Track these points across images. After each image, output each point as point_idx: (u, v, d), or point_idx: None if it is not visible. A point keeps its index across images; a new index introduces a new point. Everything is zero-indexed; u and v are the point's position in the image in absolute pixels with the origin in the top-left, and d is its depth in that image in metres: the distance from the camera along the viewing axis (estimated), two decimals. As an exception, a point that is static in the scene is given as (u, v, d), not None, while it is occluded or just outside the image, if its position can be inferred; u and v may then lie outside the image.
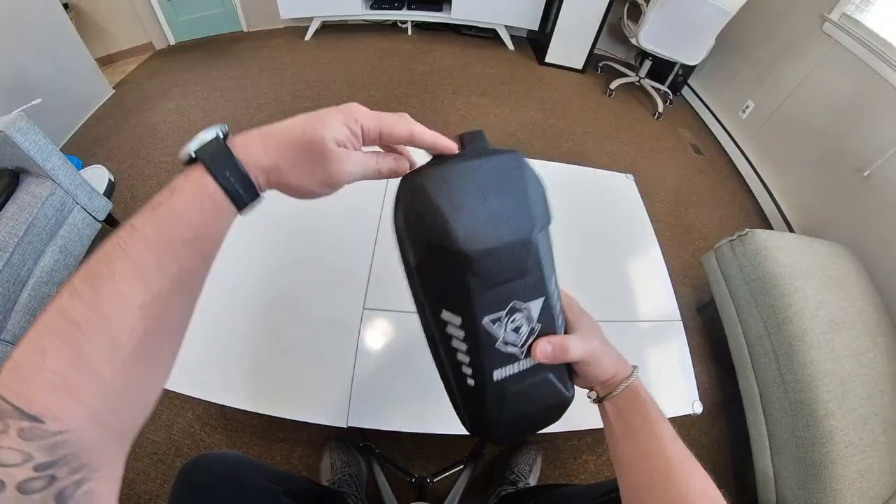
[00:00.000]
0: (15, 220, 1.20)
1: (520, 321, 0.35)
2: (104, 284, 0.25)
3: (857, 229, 1.69)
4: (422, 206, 0.32)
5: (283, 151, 0.31)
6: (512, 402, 0.37)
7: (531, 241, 0.33)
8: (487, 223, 0.31)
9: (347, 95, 2.47)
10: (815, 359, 1.10)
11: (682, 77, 2.84)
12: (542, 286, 0.35)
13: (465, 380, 0.36)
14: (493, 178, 0.33)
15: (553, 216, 0.36)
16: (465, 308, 0.33)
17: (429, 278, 0.34)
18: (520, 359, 0.36)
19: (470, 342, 0.34)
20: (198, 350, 0.92)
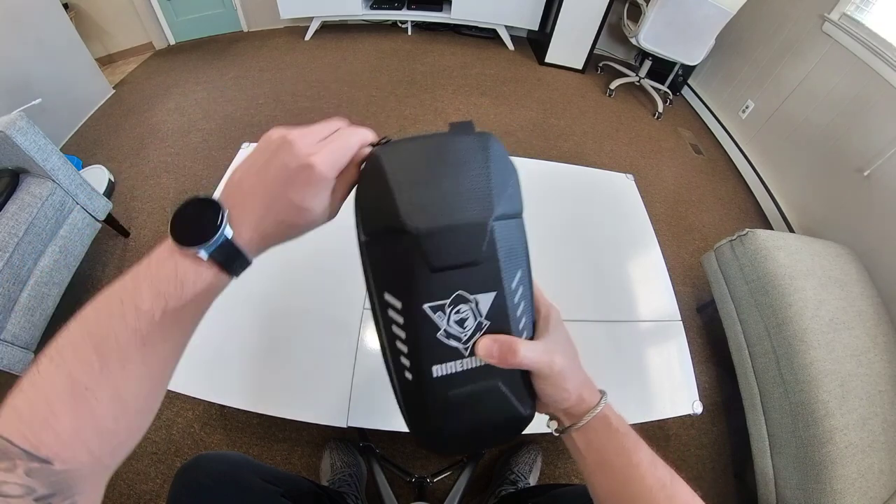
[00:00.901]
0: (15, 220, 1.20)
1: (465, 313, 0.31)
2: (111, 360, 0.27)
3: (857, 229, 1.69)
4: (373, 177, 0.31)
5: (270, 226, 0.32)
6: (454, 407, 0.33)
7: (486, 226, 0.30)
8: (437, 201, 0.29)
9: (348, 95, 2.47)
10: (815, 359, 1.10)
11: (682, 77, 2.84)
12: (495, 280, 0.31)
13: (404, 372, 0.33)
14: (456, 156, 0.31)
15: (524, 207, 0.33)
16: (405, 291, 0.30)
17: (375, 256, 0.32)
18: (464, 356, 0.32)
19: (409, 329, 0.31)
20: (198, 350, 0.91)
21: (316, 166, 0.30)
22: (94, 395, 0.26)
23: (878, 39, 1.72)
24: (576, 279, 1.09)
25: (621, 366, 0.99)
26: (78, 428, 0.26)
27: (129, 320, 0.28)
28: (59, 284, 1.32)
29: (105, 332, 0.28)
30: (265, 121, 2.25)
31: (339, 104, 2.40)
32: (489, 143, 0.32)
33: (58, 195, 1.32)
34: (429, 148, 0.31)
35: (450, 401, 0.33)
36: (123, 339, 0.28)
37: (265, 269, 1.04)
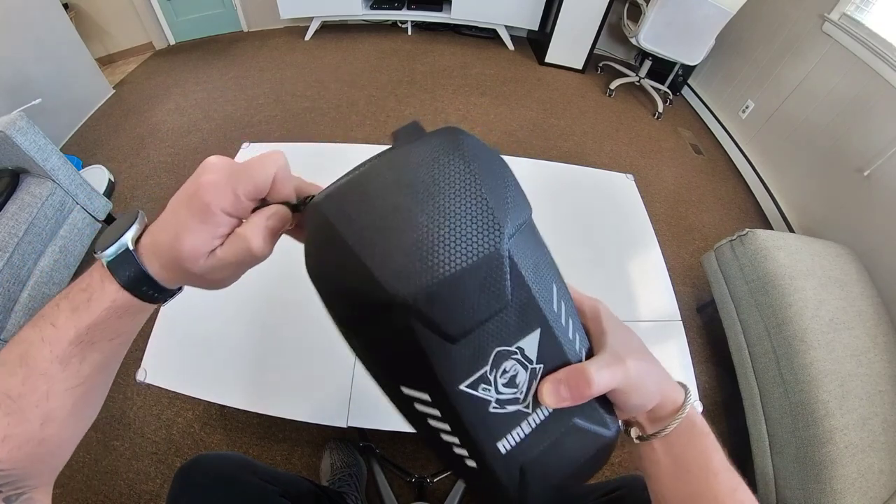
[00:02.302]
0: (15, 220, 1.20)
1: (513, 370, 0.25)
2: (33, 372, 0.28)
3: (857, 229, 1.69)
4: (320, 243, 0.23)
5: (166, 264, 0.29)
6: (535, 473, 0.26)
7: (501, 253, 0.22)
8: (424, 248, 0.21)
9: (348, 95, 2.47)
10: (815, 359, 1.10)
11: (682, 77, 2.84)
12: (534, 312, 0.24)
13: (463, 462, 0.26)
14: (423, 175, 0.22)
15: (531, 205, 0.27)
16: (428, 381, 0.23)
17: (365, 350, 0.25)
18: (528, 414, 0.26)
19: (451, 419, 0.24)
20: (197, 350, 0.92)
21: (201, 187, 0.27)
22: (18, 404, 0.28)
23: (878, 39, 1.72)
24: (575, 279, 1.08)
25: (621, 366, 0.98)
26: (7, 433, 0.28)
27: (45, 338, 0.29)
28: (59, 284, 1.32)
29: (27, 347, 0.29)
30: (265, 121, 2.25)
31: (339, 104, 2.40)
32: (459, 141, 0.24)
33: (58, 195, 1.32)
34: (381, 177, 0.23)
35: (528, 469, 0.26)
36: (41, 356, 0.29)
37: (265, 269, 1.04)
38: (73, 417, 0.31)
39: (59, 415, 0.30)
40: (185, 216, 0.27)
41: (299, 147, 1.42)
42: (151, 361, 0.88)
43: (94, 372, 0.31)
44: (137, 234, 0.30)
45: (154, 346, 0.90)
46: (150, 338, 0.91)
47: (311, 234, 0.25)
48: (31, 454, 0.29)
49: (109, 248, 0.29)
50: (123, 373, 1.46)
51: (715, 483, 0.31)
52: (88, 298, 0.29)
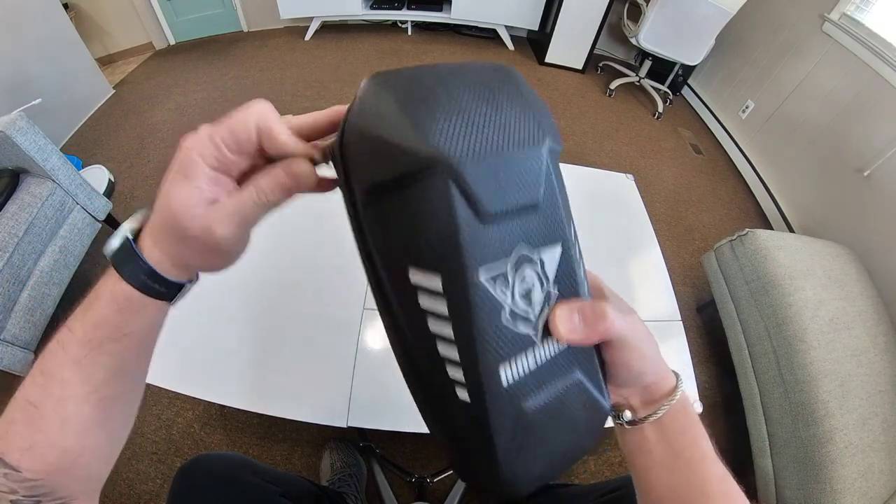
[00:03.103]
0: (15, 220, 1.20)
1: (531, 280, 0.22)
2: (52, 379, 0.29)
3: (857, 229, 1.69)
4: (365, 107, 0.21)
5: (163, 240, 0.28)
6: (531, 427, 0.23)
7: (542, 154, 0.21)
8: (471, 124, 0.20)
9: (348, 95, 2.46)
10: (815, 359, 1.10)
11: (682, 77, 2.84)
12: (559, 226, 0.23)
13: (454, 392, 0.22)
14: (478, 77, 0.22)
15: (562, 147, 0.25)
16: (446, 255, 0.20)
17: (388, 216, 0.21)
18: (536, 343, 0.23)
19: (458, 316, 0.21)
20: (198, 350, 0.92)
21: (182, 144, 0.26)
22: (39, 411, 0.29)
23: (878, 39, 1.72)
24: (576, 279, 1.09)
25: (621, 366, 0.98)
26: (32, 441, 0.28)
27: (61, 340, 0.29)
28: (59, 284, 1.32)
29: (47, 353, 0.30)
30: (265, 121, 2.25)
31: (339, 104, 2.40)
32: (512, 70, 0.24)
33: (58, 195, 1.32)
34: (437, 71, 0.22)
35: (526, 420, 0.23)
36: (57, 361, 0.29)
37: (265, 269, 1.05)
38: (95, 427, 0.31)
39: (77, 421, 0.29)
40: (173, 178, 0.26)
41: (299, 147, 1.42)
42: (152, 361, 0.88)
43: (107, 377, 0.30)
44: (139, 224, 0.29)
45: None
46: (150, 338, 0.91)
47: (358, 101, 0.22)
48: (57, 464, 0.29)
49: (112, 241, 0.28)
50: (123, 373, 1.44)
51: (705, 471, 0.31)
52: (95, 297, 0.29)
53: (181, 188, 0.25)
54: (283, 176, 0.27)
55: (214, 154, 0.26)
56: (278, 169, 0.27)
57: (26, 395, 0.29)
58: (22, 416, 0.29)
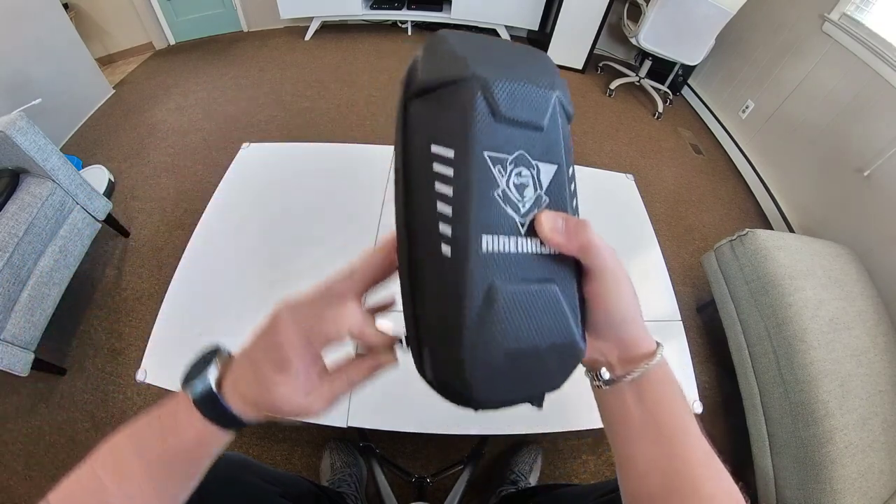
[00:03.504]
0: (15, 220, 1.20)
1: (526, 178, 0.26)
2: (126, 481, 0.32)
3: (857, 229, 1.69)
4: (432, 45, 0.28)
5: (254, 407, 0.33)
6: (503, 306, 0.24)
7: (552, 96, 0.27)
8: (504, 63, 0.27)
9: (348, 95, 2.47)
10: (815, 359, 1.10)
11: (682, 77, 2.84)
12: (558, 154, 0.28)
13: (440, 246, 0.25)
14: (513, 46, 0.30)
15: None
16: (462, 136, 0.25)
17: (424, 109, 0.27)
18: (520, 234, 0.26)
19: (460, 182, 0.25)
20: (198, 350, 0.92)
21: (279, 346, 0.30)
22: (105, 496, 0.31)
23: (878, 39, 1.72)
24: (576, 279, 1.09)
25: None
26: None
27: (142, 452, 0.33)
28: (59, 284, 1.32)
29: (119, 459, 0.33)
30: (265, 121, 2.25)
31: (339, 104, 2.40)
32: (547, 56, 0.31)
33: (58, 195, 1.32)
34: (485, 38, 0.29)
35: (497, 293, 0.24)
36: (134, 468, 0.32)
37: (265, 270, 1.05)
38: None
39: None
40: (269, 371, 0.31)
41: (299, 147, 1.43)
42: (151, 361, 0.88)
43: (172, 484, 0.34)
44: (219, 376, 0.33)
45: (154, 346, 0.90)
46: (150, 338, 0.91)
47: (427, 42, 0.29)
48: None
49: (196, 385, 0.33)
50: (123, 373, 1.47)
51: (690, 445, 0.30)
52: (174, 423, 0.33)
53: (282, 387, 0.30)
54: (372, 366, 0.34)
55: (309, 352, 0.31)
56: (368, 362, 0.34)
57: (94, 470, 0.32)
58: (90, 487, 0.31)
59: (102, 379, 1.33)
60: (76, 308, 1.48)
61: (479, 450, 1.12)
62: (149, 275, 1.58)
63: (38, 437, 1.22)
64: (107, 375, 1.33)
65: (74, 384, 1.32)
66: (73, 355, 1.38)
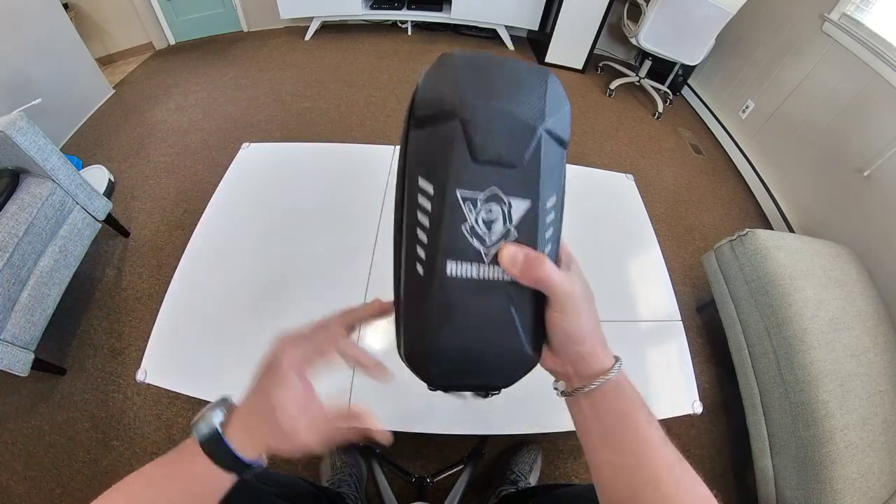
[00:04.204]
0: (15, 220, 1.20)
1: (495, 215, 0.30)
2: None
3: (857, 229, 1.69)
4: (441, 66, 0.31)
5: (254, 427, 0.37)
6: (457, 316, 0.30)
7: (535, 131, 0.29)
8: (494, 95, 0.29)
9: (347, 95, 2.47)
10: (815, 359, 1.10)
11: (682, 77, 2.84)
12: (533, 190, 0.30)
13: (416, 265, 0.31)
14: (517, 71, 0.31)
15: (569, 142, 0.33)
16: (441, 175, 0.29)
17: (418, 140, 0.31)
18: (483, 262, 0.30)
19: (434, 216, 0.29)
20: (198, 350, 0.92)
21: (282, 362, 0.36)
22: None
23: (878, 39, 1.72)
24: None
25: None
26: None
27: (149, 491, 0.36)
28: (59, 284, 1.32)
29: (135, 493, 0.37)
30: (265, 121, 2.25)
31: (339, 104, 2.40)
32: (548, 73, 0.32)
33: (58, 195, 1.32)
34: (494, 59, 0.32)
35: (454, 306, 0.30)
36: None
37: (266, 270, 1.05)
38: None
39: None
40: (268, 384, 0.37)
41: (299, 147, 1.43)
42: (151, 361, 0.88)
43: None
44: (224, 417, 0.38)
45: (154, 347, 0.90)
46: (150, 338, 0.91)
47: (439, 60, 0.32)
48: None
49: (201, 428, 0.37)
50: (123, 373, 1.47)
51: (648, 454, 0.32)
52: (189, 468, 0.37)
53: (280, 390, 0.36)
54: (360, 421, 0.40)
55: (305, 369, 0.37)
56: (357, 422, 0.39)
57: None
58: None
59: (102, 379, 1.33)
60: (76, 308, 1.48)
61: (479, 450, 1.12)
62: (149, 275, 1.58)
63: (38, 437, 1.22)
64: (107, 375, 1.33)
65: (74, 384, 1.32)
66: (73, 355, 1.38)
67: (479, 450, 1.12)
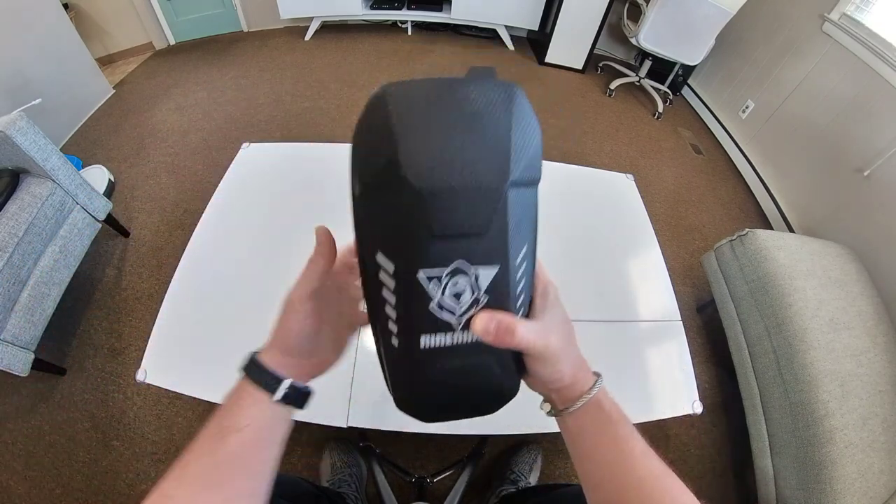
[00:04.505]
0: (15, 220, 1.20)
1: (463, 287, 0.28)
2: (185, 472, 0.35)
3: (857, 229, 1.69)
4: (374, 113, 0.27)
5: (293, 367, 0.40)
6: (439, 378, 0.31)
7: (500, 193, 0.26)
8: (448, 155, 0.25)
9: (347, 95, 2.47)
10: (815, 359, 1.10)
11: (682, 77, 2.84)
12: (501, 253, 0.28)
13: (391, 338, 0.31)
14: (474, 105, 0.26)
15: (542, 176, 0.30)
16: (400, 255, 0.27)
17: (369, 210, 0.29)
18: (455, 330, 0.30)
19: (400, 296, 0.29)
20: (198, 350, 0.92)
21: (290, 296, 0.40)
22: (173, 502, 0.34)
23: (878, 39, 1.72)
24: (576, 279, 1.09)
25: (621, 366, 0.99)
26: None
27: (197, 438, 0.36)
28: (59, 284, 1.32)
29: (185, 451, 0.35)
30: (265, 121, 2.25)
31: (339, 104, 2.40)
32: (514, 96, 0.28)
33: (58, 195, 1.32)
34: (444, 90, 0.27)
35: (435, 372, 0.30)
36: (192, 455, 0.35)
37: (265, 270, 1.05)
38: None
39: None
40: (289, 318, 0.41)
41: (299, 147, 1.43)
42: (151, 361, 0.88)
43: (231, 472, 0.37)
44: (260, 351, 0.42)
45: (154, 347, 0.90)
46: (150, 338, 0.91)
47: (369, 106, 0.28)
48: None
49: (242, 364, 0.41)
50: (123, 373, 1.47)
51: (629, 466, 0.34)
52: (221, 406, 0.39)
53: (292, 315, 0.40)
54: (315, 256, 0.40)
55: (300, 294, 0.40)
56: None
57: (164, 488, 0.34)
58: None
59: (102, 379, 1.33)
60: (76, 308, 1.48)
61: (479, 450, 1.12)
62: (149, 275, 1.58)
63: (38, 437, 1.22)
64: (107, 375, 1.33)
65: (74, 384, 1.32)
66: (73, 355, 1.38)
67: (479, 450, 1.12)
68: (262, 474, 0.38)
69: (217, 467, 0.34)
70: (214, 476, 0.34)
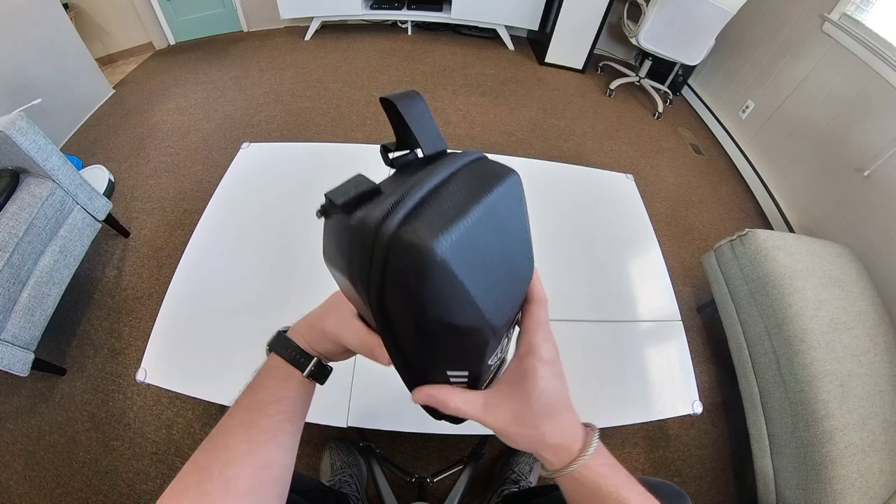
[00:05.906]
0: (15, 220, 1.20)
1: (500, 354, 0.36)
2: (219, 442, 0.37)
3: (857, 229, 1.69)
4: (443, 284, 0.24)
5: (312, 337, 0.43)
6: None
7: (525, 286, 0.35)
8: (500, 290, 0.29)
9: (348, 95, 2.47)
10: (815, 359, 1.10)
11: (682, 77, 2.84)
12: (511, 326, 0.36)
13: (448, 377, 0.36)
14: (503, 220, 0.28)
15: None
16: (476, 362, 0.32)
17: (431, 350, 0.31)
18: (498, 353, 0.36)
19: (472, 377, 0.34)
20: (198, 350, 0.92)
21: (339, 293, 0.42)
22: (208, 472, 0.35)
23: (878, 39, 1.72)
24: (576, 279, 1.09)
25: (621, 366, 0.99)
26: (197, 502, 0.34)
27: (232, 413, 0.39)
28: (59, 284, 1.32)
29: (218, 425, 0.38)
30: (265, 121, 2.25)
31: (339, 104, 2.41)
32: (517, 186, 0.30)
33: (58, 195, 1.32)
34: (481, 220, 0.25)
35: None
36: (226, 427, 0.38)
37: (265, 270, 1.05)
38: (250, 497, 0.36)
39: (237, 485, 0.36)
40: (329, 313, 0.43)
41: (299, 147, 1.43)
42: (151, 361, 0.88)
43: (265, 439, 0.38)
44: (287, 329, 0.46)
45: (154, 346, 0.90)
46: (151, 338, 0.91)
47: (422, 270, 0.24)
48: None
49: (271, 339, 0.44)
50: (123, 373, 1.47)
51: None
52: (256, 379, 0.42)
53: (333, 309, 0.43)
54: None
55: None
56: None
57: (197, 459, 0.36)
58: (194, 480, 0.34)
59: (102, 379, 1.33)
60: (76, 308, 1.48)
61: (479, 450, 1.12)
62: (149, 275, 1.58)
63: (38, 437, 1.22)
64: (107, 375, 1.33)
65: (74, 384, 1.32)
66: (73, 355, 1.38)
67: (479, 450, 1.12)
68: (291, 448, 0.39)
69: (250, 440, 0.36)
70: (247, 446, 0.36)
